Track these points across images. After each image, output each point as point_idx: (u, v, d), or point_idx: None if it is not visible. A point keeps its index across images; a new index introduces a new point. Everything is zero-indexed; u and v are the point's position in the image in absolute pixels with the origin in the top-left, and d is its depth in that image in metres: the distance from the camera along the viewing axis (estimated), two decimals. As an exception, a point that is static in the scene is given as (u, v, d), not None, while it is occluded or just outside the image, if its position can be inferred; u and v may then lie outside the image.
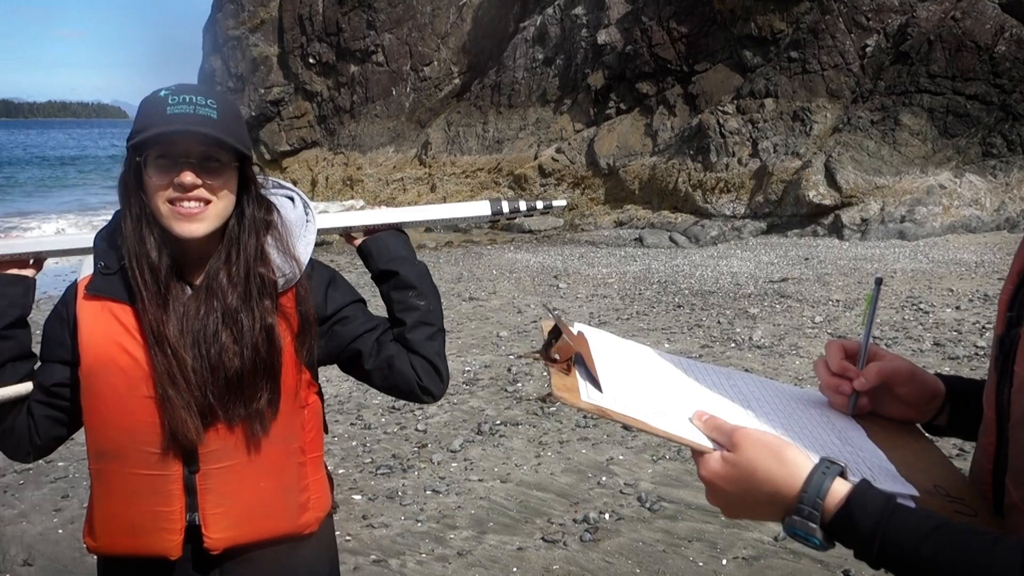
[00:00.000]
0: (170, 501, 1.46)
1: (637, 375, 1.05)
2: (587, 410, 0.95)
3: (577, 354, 1.00)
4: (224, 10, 27.76)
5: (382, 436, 5.27)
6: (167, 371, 1.41)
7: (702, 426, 0.96)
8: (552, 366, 1.00)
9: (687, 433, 0.95)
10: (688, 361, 1.13)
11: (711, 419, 0.96)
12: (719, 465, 0.92)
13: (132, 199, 1.44)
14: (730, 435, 0.93)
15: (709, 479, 0.93)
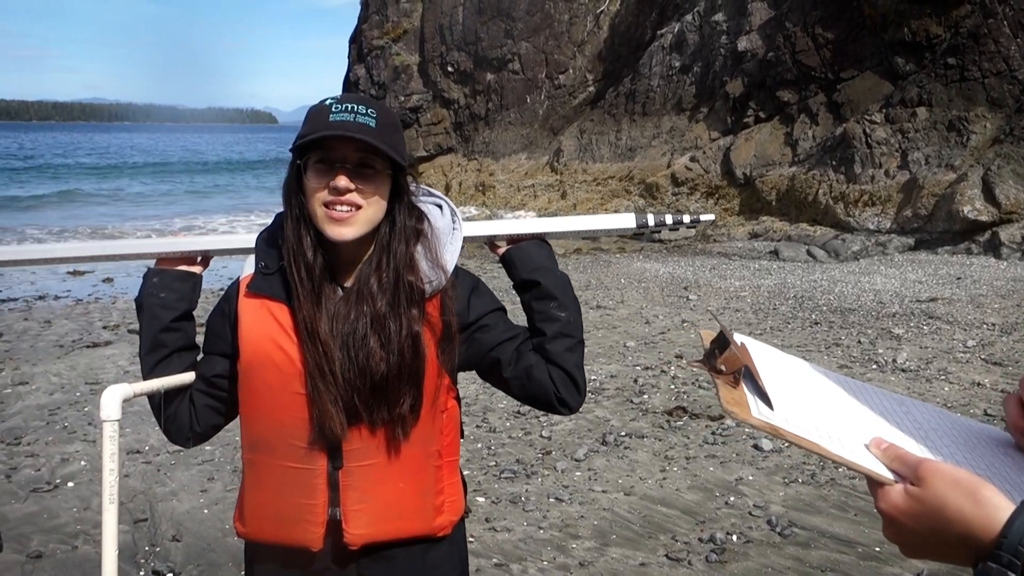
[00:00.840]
0: (314, 495, 1.52)
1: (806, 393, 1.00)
2: (758, 427, 0.91)
3: (744, 367, 0.96)
4: (369, 21, 28.88)
5: (507, 440, 5.31)
6: (317, 365, 1.47)
7: (882, 455, 0.89)
8: (718, 378, 0.96)
9: (866, 461, 0.88)
10: (855, 382, 1.06)
11: (892, 448, 0.89)
12: (902, 499, 0.85)
13: (293, 201, 1.51)
14: (915, 468, 0.85)
15: (890, 513, 0.86)
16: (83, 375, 6.98)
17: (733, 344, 0.95)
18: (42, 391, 6.52)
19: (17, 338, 8.47)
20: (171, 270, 1.66)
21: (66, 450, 5.22)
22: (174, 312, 1.63)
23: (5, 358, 7.60)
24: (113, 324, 9.13)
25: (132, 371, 7.02)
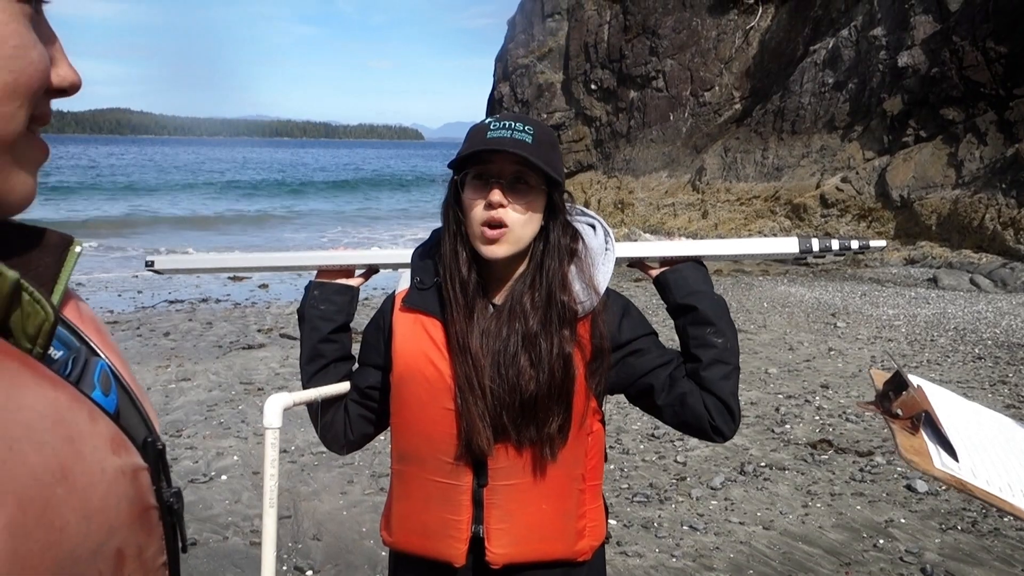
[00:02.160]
0: (459, 511, 1.54)
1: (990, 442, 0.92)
2: (942, 479, 0.84)
3: (923, 412, 0.89)
4: (516, 40, 29.41)
5: (640, 464, 5.22)
6: (467, 378, 1.49)
7: None
8: (895, 423, 0.90)
9: None
10: None
11: None
12: None
13: (450, 216, 1.53)
14: None
15: None
16: (238, 375, 7.42)
17: (911, 387, 0.89)
18: (202, 388, 6.98)
19: (182, 337, 9.13)
20: (331, 283, 1.73)
21: (221, 444, 5.55)
22: (332, 324, 1.69)
23: (172, 355, 8.20)
24: (267, 328, 9.67)
25: (282, 373, 7.41)
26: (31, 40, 0.58)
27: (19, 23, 0.57)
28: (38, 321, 0.56)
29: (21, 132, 0.58)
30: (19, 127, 0.58)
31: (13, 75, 0.56)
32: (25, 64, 0.57)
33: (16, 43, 0.56)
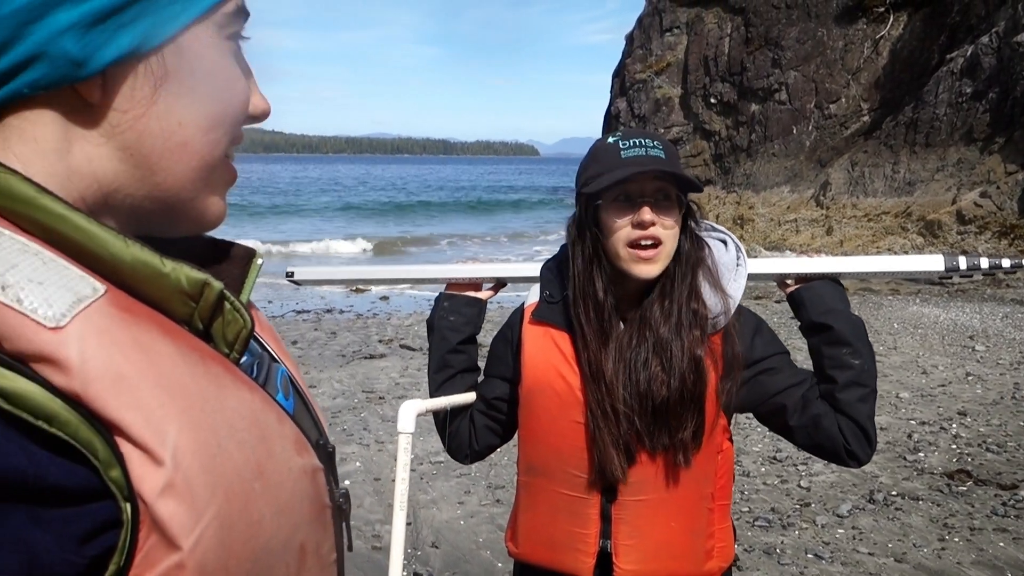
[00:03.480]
0: (587, 524, 1.54)
1: None
2: None
3: None
4: (633, 55, 29.31)
5: (761, 487, 5.06)
6: (599, 406, 1.49)
7: None
8: None
9: None
10: None
11: None
12: None
13: (586, 239, 1.53)
14: None
15: None
16: (360, 383, 7.67)
17: None
18: (326, 395, 7.25)
19: (308, 346, 9.52)
20: (460, 295, 1.77)
21: (344, 451, 5.75)
22: (461, 335, 1.74)
23: (299, 363, 8.55)
24: (387, 339, 9.96)
25: (402, 383, 7.61)
26: (237, 74, 0.63)
27: (228, 59, 0.62)
28: (237, 328, 0.61)
29: (222, 157, 0.64)
30: (221, 153, 0.63)
31: (222, 106, 0.62)
32: (232, 96, 0.63)
33: (226, 77, 0.62)
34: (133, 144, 0.58)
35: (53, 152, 0.56)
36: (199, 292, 0.58)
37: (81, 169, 0.58)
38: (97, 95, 0.56)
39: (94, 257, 0.54)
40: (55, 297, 0.49)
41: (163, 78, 0.58)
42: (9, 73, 0.53)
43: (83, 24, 0.53)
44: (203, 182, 0.63)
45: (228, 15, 0.62)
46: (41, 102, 0.55)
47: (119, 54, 0.55)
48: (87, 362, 0.48)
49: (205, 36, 0.60)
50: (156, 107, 0.58)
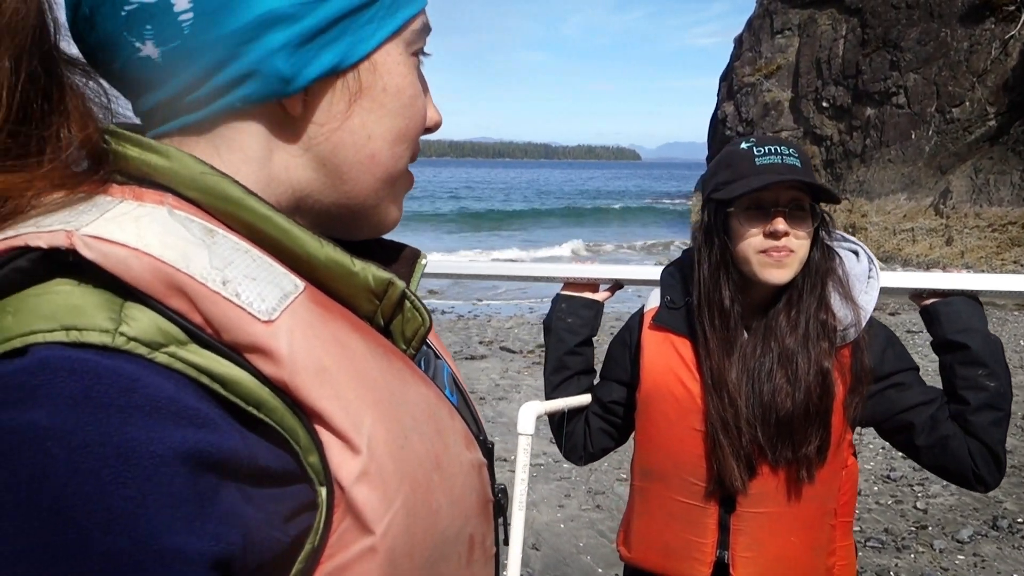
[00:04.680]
0: (704, 533, 1.53)
1: None
2: None
3: None
4: (742, 58, 28.68)
5: (874, 506, 4.87)
6: (721, 417, 1.47)
7: None
8: None
9: None
10: None
11: None
12: None
13: (714, 245, 1.51)
14: None
15: None
16: (462, 384, 7.78)
17: None
18: (430, 394, 7.38)
19: (412, 345, 9.73)
20: (578, 297, 1.79)
21: (447, 449, 5.84)
22: (578, 337, 1.75)
23: (403, 361, 8.75)
24: (487, 340, 10.06)
25: (502, 384, 7.67)
26: (420, 89, 0.67)
27: (414, 75, 0.66)
28: (415, 326, 0.65)
29: (404, 169, 0.68)
30: (404, 165, 0.67)
31: (407, 121, 0.65)
32: (415, 111, 0.66)
33: (412, 93, 0.65)
34: (327, 155, 0.62)
35: (256, 160, 0.61)
36: (384, 290, 0.61)
37: (279, 176, 0.62)
38: (299, 109, 0.60)
39: (292, 256, 0.57)
40: (266, 292, 0.53)
41: (358, 93, 0.62)
42: (225, 88, 0.58)
43: (293, 44, 0.58)
44: (386, 191, 0.67)
45: (415, 32, 0.65)
46: (249, 115, 0.60)
47: (322, 71, 0.59)
48: (294, 354, 0.51)
49: (396, 53, 0.64)
50: (350, 121, 0.62)
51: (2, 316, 0.47)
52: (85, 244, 0.48)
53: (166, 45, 0.56)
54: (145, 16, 0.56)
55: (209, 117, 0.59)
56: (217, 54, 0.56)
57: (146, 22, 0.56)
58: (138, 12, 0.56)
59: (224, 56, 0.57)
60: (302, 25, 0.58)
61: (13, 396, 0.44)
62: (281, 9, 0.57)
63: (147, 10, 0.55)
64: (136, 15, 0.56)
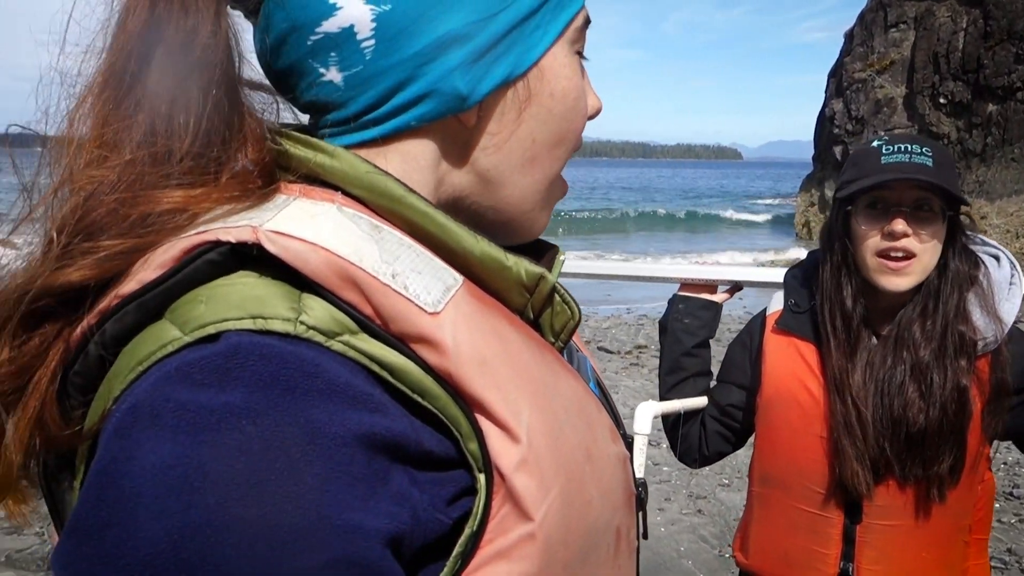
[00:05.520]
0: (827, 544, 1.48)
1: None
2: None
3: None
4: (853, 54, 27.64)
5: (995, 524, 4.61)
6: (844, 420, 1.43)
7: None
8: None
9: None
10: None
11: None
12: None
13: (836, 246, 1.48)
14: None
15: None
16: (560, 383, 7.78)
17: None
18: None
19: (510, 343, 9.79)
20: (696, 298, 1.76)
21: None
22: (695, 339, 1.73)
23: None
24: (584, 340, 10.01)
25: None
26: (583, 90, 0.68)
27: (578, 75, 0.67)
28: (564, 319, 0.66)
29: (559, 172, 0.69)
30: (561, 167, 0.69)
31: (569, 123, 0.67)
32: (579, 114, 0.67)
33: (576, 95, 0.66)
34: (494, 163, 0.65)
35: (427, 169, 0.63)
36: (535, 284, 0.63)
37: (446, 183, 0.65)
38: (473, 122, 0.63)
39: (449, 251, 0.59)
40: (431, 286, 0.55)
41: (527, 101, 0.63)
42: (403, 107, 0.60)
43: (468, 61, 0.60)
44: (542, 196, 0.68)
45: (578, 30, 0.66)
46: (423, 131, 0.62)
47: (495, 84, 0.61)
48: (458, 345, 0.53)
49: (561, 55, 0.65)
50: (520, 128, 0.64)
51: (195, 305, 0.51)
52: (268, 239, 0.51)
53: (349, 70, 0.60)
54: (330, 44, 0.59)
55: (384, 135, 0.62)
56: (396, 76, 0.59)
57: (331, 50, 0.59)
58: (323, 41, 0.59)
59: (403, 78, 0.59)
60: (476, 42, 0.60)
61: (211, 378, 0.47)
62: (457, 29, 0.59)
63: (332, 39, 0.59)
64: (321, 43, 0.59)
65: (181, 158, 0.55)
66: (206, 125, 0.56)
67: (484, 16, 0.60)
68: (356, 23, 0.58)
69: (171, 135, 0.55)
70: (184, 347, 0.49)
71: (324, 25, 0.58)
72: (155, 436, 0.46)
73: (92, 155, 0.55)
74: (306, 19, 0.59)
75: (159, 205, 0.54)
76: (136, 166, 0.54)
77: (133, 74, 0.55)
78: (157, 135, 0.55)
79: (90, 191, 0.53)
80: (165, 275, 0.51)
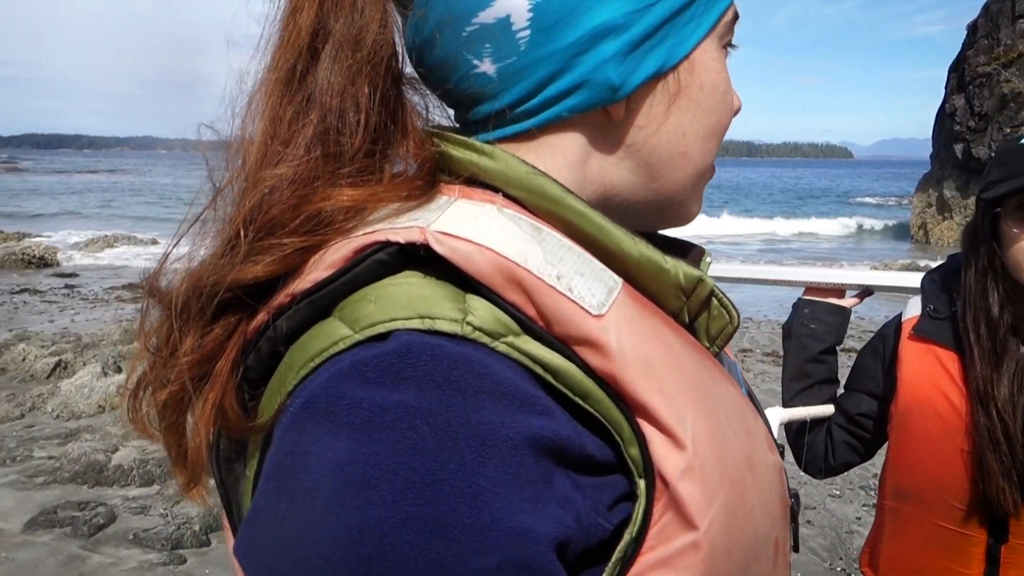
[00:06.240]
0: (968, 563, 1.41)
1: None
2: None
3: None
4: (976, 46, 26.21)
5: None
6: (989, 434, 1.35)
7: None
8: None
9: None
10: None
11: None
12: None
13: (981, 249, 1.41)
14: None
15: None
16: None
17: None
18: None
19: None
20: (823, 302, 1.70)
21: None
22: (822, 344, 1.67)
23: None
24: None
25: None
26: (730, 83, 0.66)
27: (726, 69, 0.66)
28: (722, 324, 0.64)
29: (711, 164, 0.68)
30: (712, 160, 0.67)
31: (719, 117, 0.65)
32: (728, 107, 0.66)
33: (724, 88, 0.65)
34: (643, 156, 0.63)
35: (574, 164, 0.63)
36: (692, 288, 0.61)
37: (592, 176, 0.64)
38: (621, 114, 0.61)
39: (607, 252, 0.59)
40: (594, 288, 0.54)
41: (676, 94, 0.62)
42: (554, 99, 0.60)
43: (623, 52, 0.59)
44: (693, 186, 0.67)
45: (727, 24, 0.65)
46: (573, 123, 0.62)
47: (647, 76, 0.60)
48: (623, 348, 0.52)
49: (711, 49, 0.64)
50: (668, 121, 0.63)
51: (364, 304, 0.51)
52: (436, 240, 0.52)
53: (502, 61, 0.59)
54: (485, 36, 0.59)
55: (534, 127, 0.61)
56: (550, 67, 0.59)
57: (486, 41, 0.59)
58: (479, 32, 0.59)
59: (556, 69, 0.59)
60: (631, 33, 0.59)
61: (384, 376, 0.48)
62: (613, 20, 0.58)
63: (488, 30, 0.59)
64: (476, 35, 0.59)
65: (353, 155, 0.56)
66: (375, 121, 0.57)
67: (641, 7, 0.59)
68: (512, 13, 0.58)
69: (343, 132, 0.56)
70: (355, 345, 0.50)
71: (480, 16, 0.58)
72: (331, 431, 0.47)
73: (268, 152, 0.56)
74: (462, 10, 0.59)
75: (334, 202, 0.55)
76: (311, 163, 0.55)
77: (303, 71, 0.56)
78: (329, 132, 0.56)
79: (270, 187, 0.55)
80: (336, 274, 0.52)
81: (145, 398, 0.57)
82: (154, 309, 0.58)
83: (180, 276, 0.57)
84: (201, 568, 4.01)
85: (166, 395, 0.55)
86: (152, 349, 0.57)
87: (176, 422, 0.56)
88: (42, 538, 4.24)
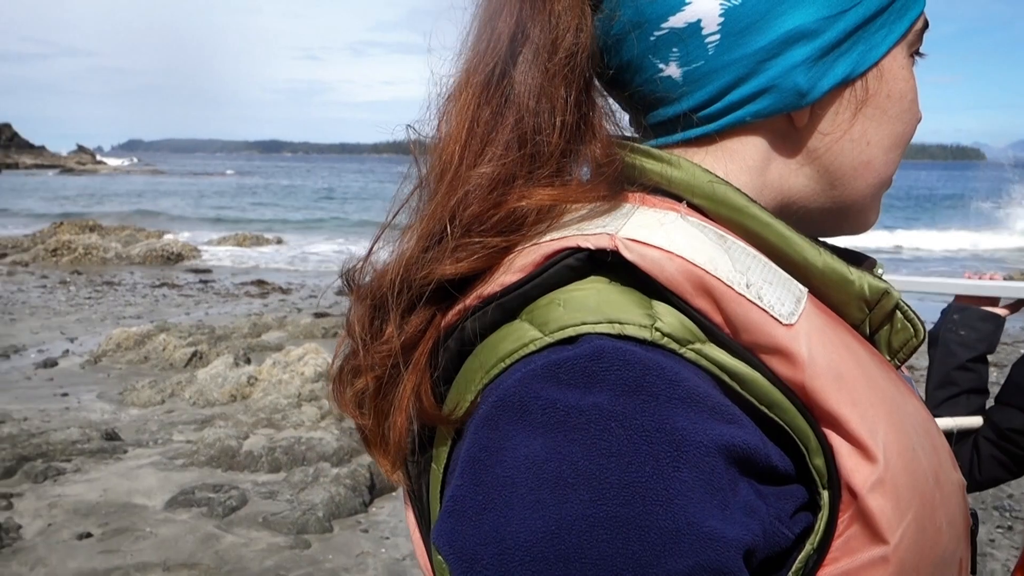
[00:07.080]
0: None
1: None
2: None
3: None
4: None
5: None
6: None
7: None
8: None
9: None
10: None
11: None
12: None
13: None
14: None
15: None
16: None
17: None
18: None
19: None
20: (974, 309, 1.63)
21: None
22: (972, 352, 1.60)
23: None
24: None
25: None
26: (917, 92, 0.65)
27: (914, 78, 0.65)
28: (905, 337, 0.62)
29: (893, 174, 0.67)
30: (894, 170, 0.66)
31: (904, 126, 0.64)
32: (914, 116, 0.65)
33: (912, 97, 0.64)
34: (824, 164, 0.63)
35: (754, 170, 0.63)
36: (877, 300, 0.60)
37: (772, 183, 0.63)
38: (805, 120, 0.61)
39: (790, 262, 0.58)
40: (783, 297, 0.54)
41: (863, 102, 0.62)
42: (738, 103, 0.60)
43: (812, 58, 0.59)
44: (873, 196, 0.66)
45: (917, 32, 0.64)
46: (755, 128, 0.62)
47: (835, 82, 0.60)
48: (814, 358, 0.52)
49: (900, 57, 0.63)
50: (852, 129, 0.62)
51: (553, 307, 0.53)
52: (625, 246, 0.53)
53: (689, 65, 0.60)
54: (674, 40, 0.59)
55: (715, 131, 0.61)
56: (737, 72, 0.59)
57: (673, 45, 0.60)
58: (667, 36, 0.59)
59: (743, 73, 0.59)
60: (823, 39, 0.59)
61: (577, 379, 0.49)
62: (806, 25, 0.58)
63: (677, 34, 0.59)
64: (665, 39, 0.60)
65: (550, 155, 0.58)
66: (570, 122, 0.58)
67: (834, 12, 0.58)
68: (704, 18, 0.58)
69: (539, 132, 0.57)
70: (546, 347, 0.51)
71: (671, 20, 0.59)
72: (525, 430, 0.49)
73: (468, 152, 0.58)
74: (654, 14, 0.59)
75: (530, 202, 0.56)
76: (509, 163, 0.57)
77: (501, 74, 0.58)
78: (526, 132, 0.57)
79: (471, 186, 0.57)
80: (526, 278, 0.54)
81: (347, 383, 0.61)
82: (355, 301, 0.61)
83: (381, 270, 0.60)
84: (324, 553, 4.17)
85: (369, 380, 0.59)
86: (357, 336, 0.60)
87: (378, 406, 0.59)
88: (181, 516, 4.51)
